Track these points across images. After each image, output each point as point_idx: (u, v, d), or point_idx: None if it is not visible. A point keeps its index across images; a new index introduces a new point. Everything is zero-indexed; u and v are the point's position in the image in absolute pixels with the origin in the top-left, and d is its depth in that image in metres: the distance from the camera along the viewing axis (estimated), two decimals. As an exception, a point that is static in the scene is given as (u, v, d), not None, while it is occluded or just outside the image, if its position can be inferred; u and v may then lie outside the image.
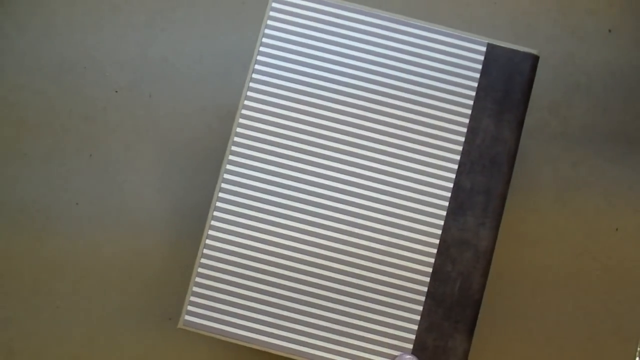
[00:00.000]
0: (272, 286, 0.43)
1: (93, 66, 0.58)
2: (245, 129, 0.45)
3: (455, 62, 0.44)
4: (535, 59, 0.44)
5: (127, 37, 0.58)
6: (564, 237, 0.55)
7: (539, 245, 0.55)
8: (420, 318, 0.42)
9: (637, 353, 0.54)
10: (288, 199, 0.44)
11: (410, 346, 0.41)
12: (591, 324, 0.54)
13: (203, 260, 0.44)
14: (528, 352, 0.54)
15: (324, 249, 0.43)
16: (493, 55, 0.44)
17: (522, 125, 0.43)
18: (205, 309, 0.44)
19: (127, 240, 0.57)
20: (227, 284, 0.43)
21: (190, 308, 0.44)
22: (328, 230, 0.43)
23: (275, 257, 0.43)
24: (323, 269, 0.43)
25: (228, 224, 0.44)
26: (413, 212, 0.43)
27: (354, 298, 0.42)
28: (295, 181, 0.44)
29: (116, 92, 0.58)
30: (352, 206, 0.43)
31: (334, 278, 0.42)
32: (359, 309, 0.42)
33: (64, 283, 0.57)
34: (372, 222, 0.43)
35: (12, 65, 0.59)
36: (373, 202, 0.43)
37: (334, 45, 0.45)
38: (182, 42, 0.58)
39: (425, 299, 0.42)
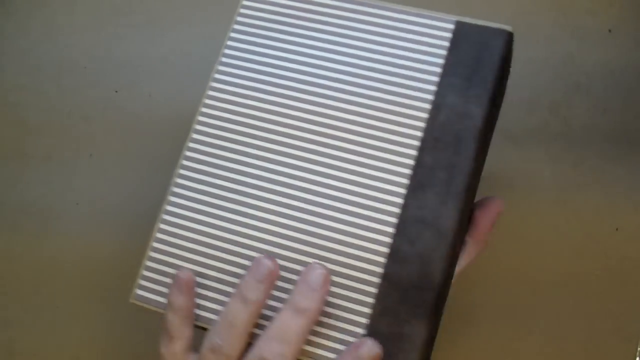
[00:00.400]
0: (229, 264, 0.41)
1: (93, 66, 0.58)
2: (211, 109, 0.44)
3: (422, 40, 0.42)
4: (507, 34, 0.41)
5: (127, 37, 0.58)
6: (564, 237, 0.55)
7: (539, 245, 0.55)
8: (375, 301, 0.38)
9: (638, 353, 0.54)
10: (246, 176, 0.42)
11: (363, 330, 0.38)
12: (591, 324, 0.54)
13: (159, 235, 0.43)
14: (528, 352, 0.54)
15: (279, 227, 0.41)
16: (462, 33, 0.42)
17: (493, 101, 0.40)
18: (160, 285, 0.42)
19: (127, 240, 0.57)
20: (184, 261, 0.42)
21: (142, 282, 0.43)
22: (281, 207, 0.41)
23: (233, 235, 0.42)
24: (277, 247, 0.41)
25: (188, 200, 0.43)
26: (369, 189, 0.40)
27: None
28: (254, 158, 0.43)
29: (116, 92, 0.58)
30: (308, 183, 0.41)
31: (288, 257, 0.41)
32: None
33: (64, 283, 0.57)
34: (327, 199, 0.41)
35: (12, 65, 0.59)
36: (328, 178, 0.41)
37: (297, 29, 0.44)
38: (182, 42, 0.58)
39: (382, 281, 0.38)
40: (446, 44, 0.42)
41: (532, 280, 0.54)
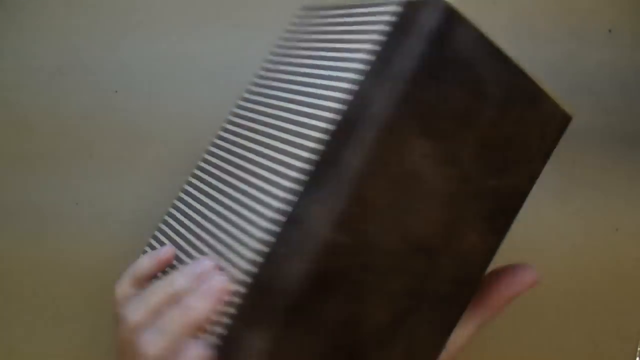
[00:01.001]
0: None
1: (93, 66, 0.58)
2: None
3: (360, 29, 0.37)
4: (442, 7, 0.32)
5: (127, 37, 0.58)
6: (564, 237, 0.55)
7: (539, 245, 0.55)
8: (240, 302, 0.34)
9: (638, 353, 0.54)
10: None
11: (223, 330, 0.35)
12: (591, 324, 0.54)
13: (152, 242, 0.45)
14: (528, 353, 0.54)
15: (189, 221, 0.42)
16: (402, 14, 0.34)
17: (412, 84, 0.32)
18: None
19: (127, 241, 0.57)
20: None
21: None
22: (198, 203, 0.42)
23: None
24: (178, 237, 0.42)
25: (183, 211, 0.45)
26: (255, 189, 0.37)
27: None
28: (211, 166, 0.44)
29: (116, 92, 0.58)
30: (217, 181, 0.41)
31: (181, 247, 0.41)
32: None
33: (65, 283, 0.57)
34: (227, 199, 0.39)
35: (11, 65, 0.59)
36: (226, 175, 0.41)
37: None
38: (182, 42, 0.58)
39: (251, 281, 0.34)
40: (383, 27, 0.35)
41: (532, 280, 0.54)
